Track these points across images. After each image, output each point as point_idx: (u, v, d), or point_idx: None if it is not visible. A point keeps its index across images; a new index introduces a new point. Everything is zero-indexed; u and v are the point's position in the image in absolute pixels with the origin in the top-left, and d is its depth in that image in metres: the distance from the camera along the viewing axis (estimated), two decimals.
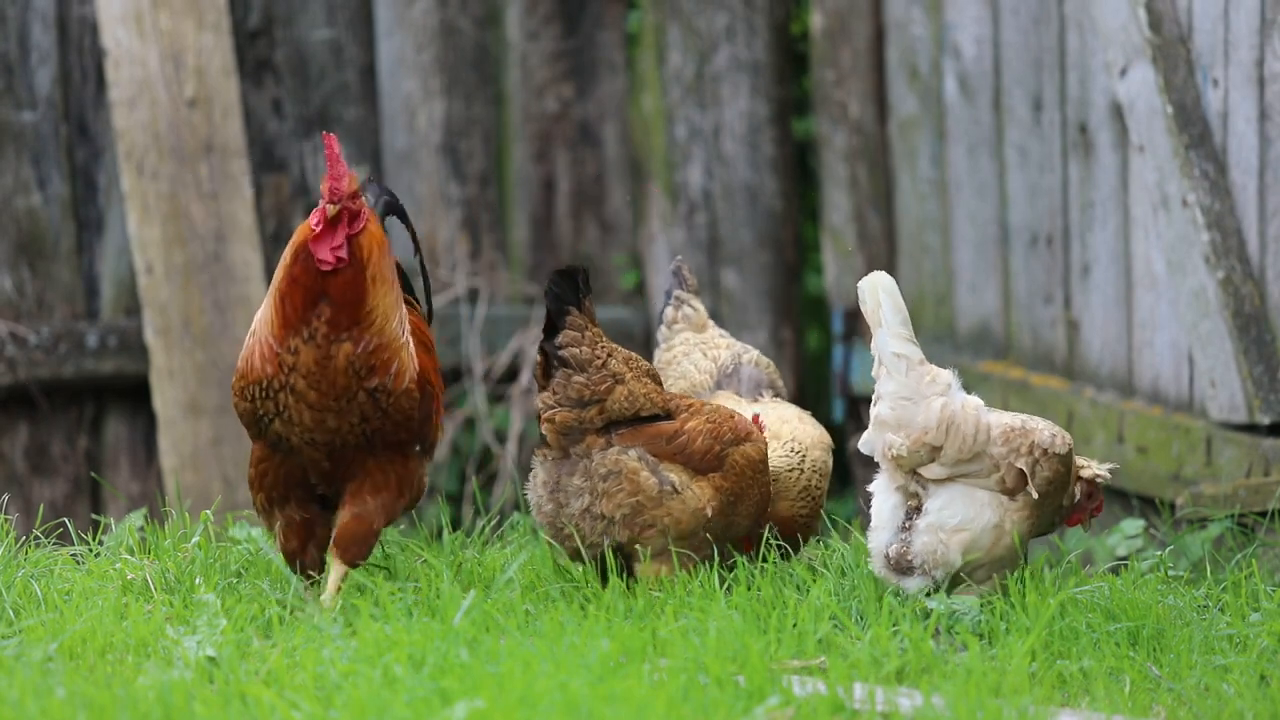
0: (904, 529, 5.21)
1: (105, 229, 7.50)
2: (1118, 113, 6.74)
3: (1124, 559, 6.32)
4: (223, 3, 7.50)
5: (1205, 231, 6.31)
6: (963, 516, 5.17)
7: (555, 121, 8.10)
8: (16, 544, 5.36)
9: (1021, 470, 5.18)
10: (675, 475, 5.18)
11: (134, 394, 7.52)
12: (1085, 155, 6.94)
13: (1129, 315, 6.81)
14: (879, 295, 5.22)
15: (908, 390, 5.20)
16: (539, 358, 5.22)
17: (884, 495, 5.26)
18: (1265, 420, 6.23)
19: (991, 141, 7.38)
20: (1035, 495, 5.17)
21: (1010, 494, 5.20)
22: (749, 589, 5.08)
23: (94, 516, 7.24)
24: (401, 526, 6.56)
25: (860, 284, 5.24)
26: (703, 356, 5.84)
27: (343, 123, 7.82)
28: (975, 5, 7.37)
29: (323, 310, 4.96)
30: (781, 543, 5.38)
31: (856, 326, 7.91)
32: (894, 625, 4.86)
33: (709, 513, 5.21)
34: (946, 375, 5.22)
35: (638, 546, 5.16)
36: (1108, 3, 6.59)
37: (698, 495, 5.20)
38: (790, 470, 5.52)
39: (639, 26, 8.14)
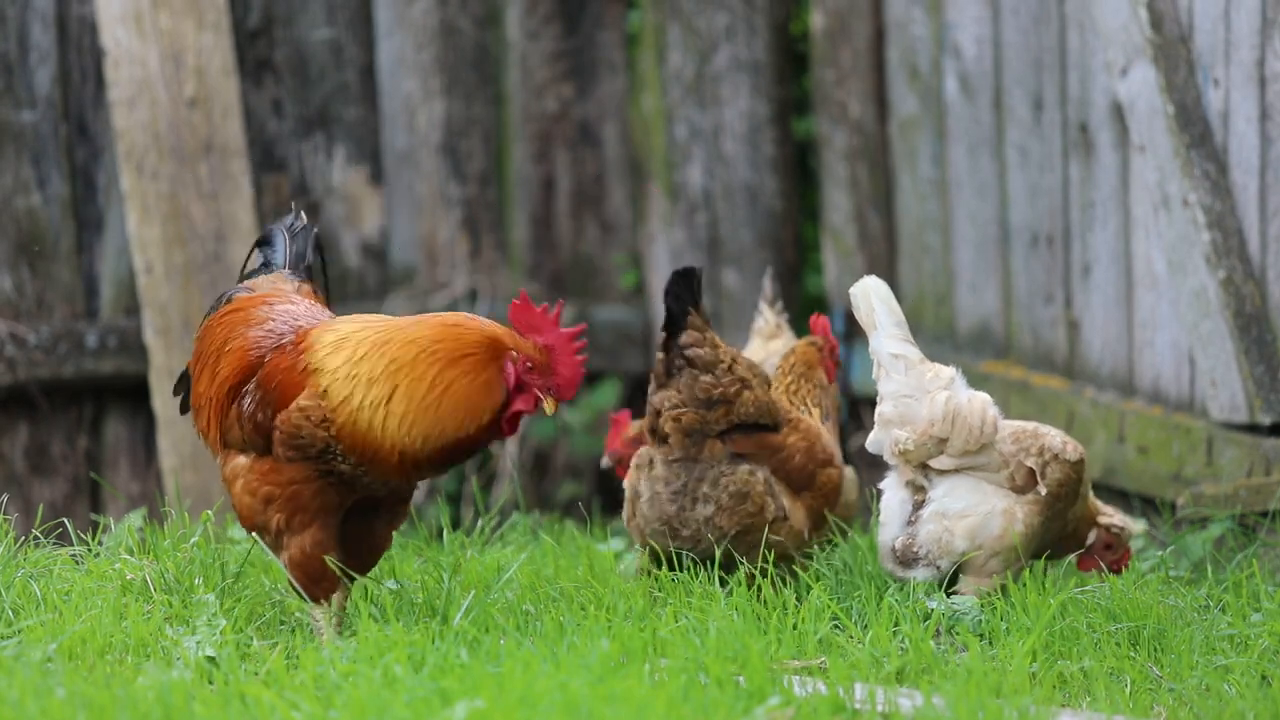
0: (910, 522, 5.24)
1: (105, 229, 7.49)
2: (1118, 112, 6.73)
3: None
4: (223, 3, 7.50)
5: (1206, 231, 6.31)
6: (966, 502, 5.20)
7: (555, 121, 8.10)
8: (16, 544, 5.35)
9: (1031, 469, 5.20)
10: (785, 499, 5.24)
11: (134, 394, 7.52)
12: (1086, 155, 6.93)
13: (1130, 315, 6.81)
14: (871, 300, 5.26)
15: (908, 388, 5.23)
16: (660, 355, 5.23)
17: (892, 492, 5.30)
18: (1266, 420, 6.23)
19: (992, 141, 7.38)
20: (1045, 492, 5.19)
21: (1020, 491, 5.21)
22: (749, 589, 5.08)
23: (93, 516, 7.23)
24: (401, 526, 6.56)
25: (852, 290, 5.28)
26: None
27: (342, 123, 7.81)
28: (975, 5, 7.37)
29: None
30: None
31: (857, 326, 7.90)
32: (894, 625, 4.86)
33: (806, 534, 5.27)
34: (949, 371, 5.25)
35: (742, 559, 5.22)
36: (1108, 2, 6.59)
37: (797, 518, 5.25)
38: None
39: (639, 26, 8.13)
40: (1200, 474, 6.40)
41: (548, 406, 4.70)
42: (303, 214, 5.20)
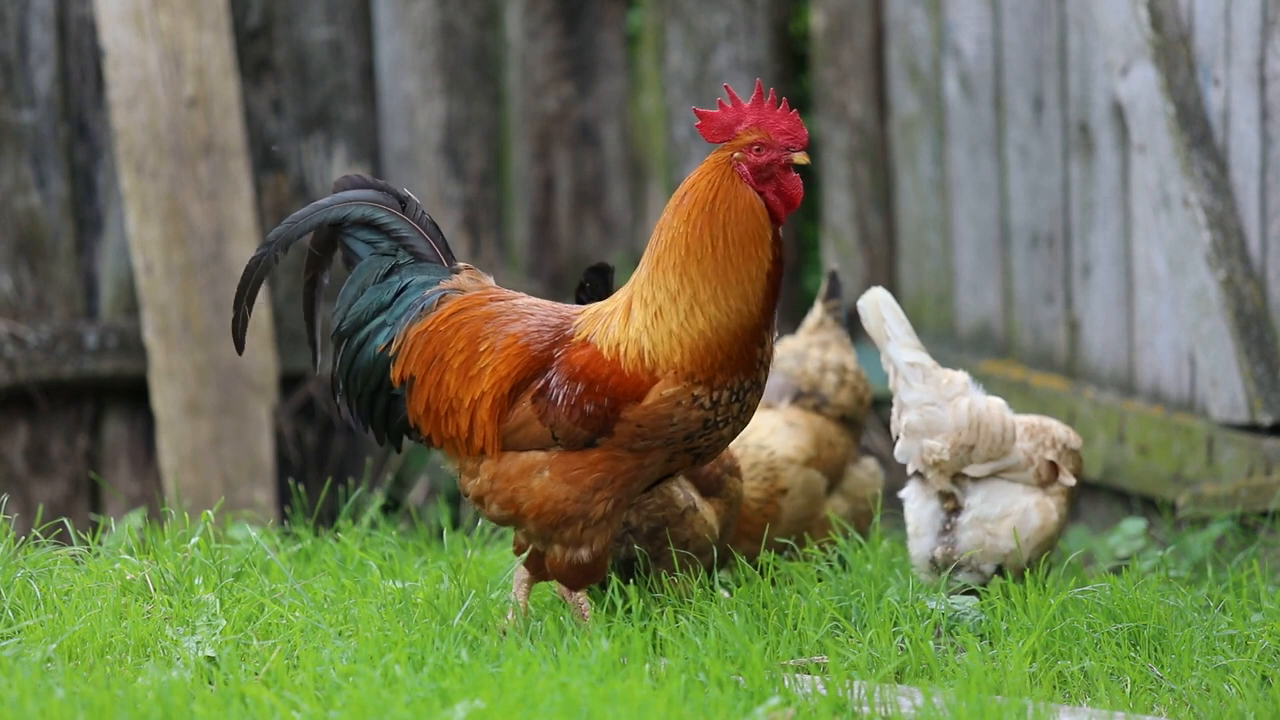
0: (945, 531, 5.24)
1: (105, 229, 7.49)
2: (1119, 112, 6.73)
3: (1125, 559, 6.32)
4: (222, 2, 7.50)
5: (1206, 231, 6.31)
6: (1004, 504, 5.22)
7: (555, 121, 8.10)
8: (16, 544, 5.35)
9: (1052, 462, 5.24)
10: (694, 493, 5.20)
11: (133, 394, 7.51)
12: (1086, 155, 6.93)
13: (1130, 315, 6.81)
14: (881, 310, 5.27)
15: (931, 396, 5.24)
16: None
17: (920, 502, 5.28)
18: (1266, 420, 6.23)
19: (992, 141, 7.38)
20: (1073, 482, 5.23)
21: (1044, 485, 5.24)
22: (749, 588, 5.08)
23: (93, 516, 7.23)
24: (402, 526, 6.56)
25: (859, 302, 5.29)
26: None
27: (342, 122, 7.81)
28: (976, 5, 7.37)
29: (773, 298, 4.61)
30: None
31: (858, 327, 7.90)
32: (894, 625, 4.86)
33: (716, 532, 5.24)
34: (962, 376, 5.26)
35: (657, 556, 5.18)
36: (1109, 2, 6.59)
37: (708, 514, 5.22)
38: None
39: (639, 26, 8.13)
40: (1200, 474, 6.40)
41: (799, 159, 4.62)
42: (405, 191, 4.89)
